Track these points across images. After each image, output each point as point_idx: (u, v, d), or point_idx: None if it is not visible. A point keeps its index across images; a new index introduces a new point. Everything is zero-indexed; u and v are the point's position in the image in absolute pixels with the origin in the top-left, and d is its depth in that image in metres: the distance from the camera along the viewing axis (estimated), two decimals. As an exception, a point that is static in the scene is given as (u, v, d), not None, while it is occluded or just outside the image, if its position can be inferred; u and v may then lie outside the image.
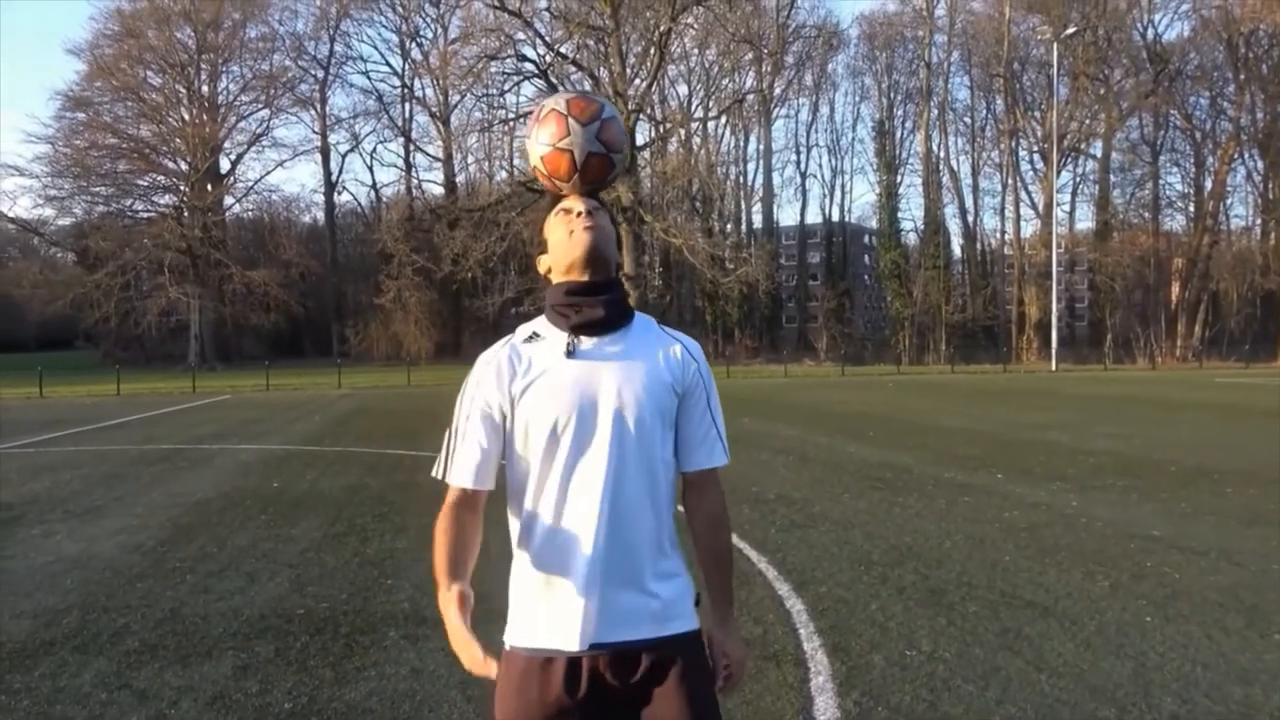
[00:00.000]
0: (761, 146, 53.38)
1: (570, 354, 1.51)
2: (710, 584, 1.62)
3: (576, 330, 1.53)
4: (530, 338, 1.57)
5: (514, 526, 1.56)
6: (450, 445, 1.57)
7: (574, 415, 1.48)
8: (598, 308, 1.53)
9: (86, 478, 9.25)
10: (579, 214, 1.56)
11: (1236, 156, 45.05)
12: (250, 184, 51.38)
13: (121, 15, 46.42)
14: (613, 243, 1.59)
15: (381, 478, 8.91)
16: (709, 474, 1.61)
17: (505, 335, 1.62)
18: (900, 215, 49.12)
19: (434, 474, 1.58)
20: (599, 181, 1.60)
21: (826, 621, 4.25)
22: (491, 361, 1.56)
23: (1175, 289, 46.50)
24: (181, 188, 46.37)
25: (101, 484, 8.82)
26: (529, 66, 37.66)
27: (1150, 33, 47.01)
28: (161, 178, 47.39)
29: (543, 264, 1.64)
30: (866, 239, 62.14)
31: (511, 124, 43.41)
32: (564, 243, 1.56)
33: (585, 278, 1.55)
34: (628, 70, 38.24)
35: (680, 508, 1.62)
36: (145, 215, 47.34)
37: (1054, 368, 35.61)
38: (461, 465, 1.54)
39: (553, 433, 1.48)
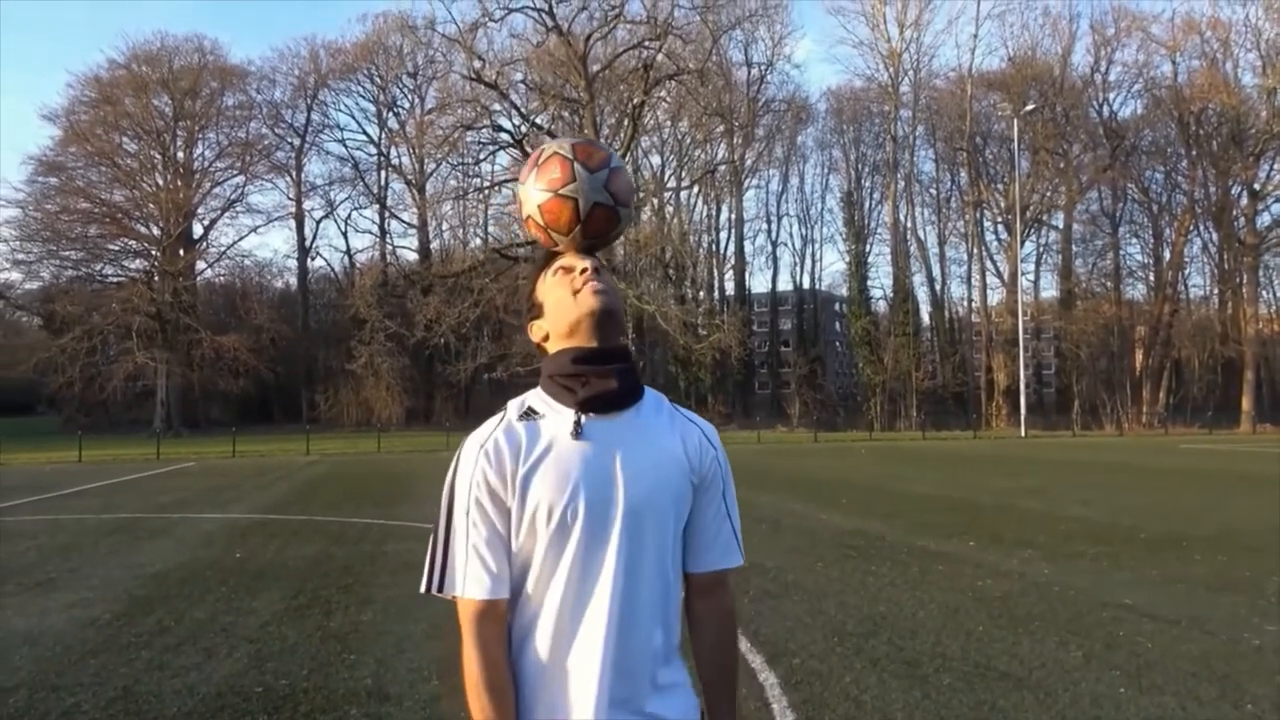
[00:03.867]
0: (733, 215, 54.28)
1: (578, 434, 1.30)
2: (714, 707, 1.40)
3: (584, 406, 1.31)
4: (526, 414, 1.34)
5: (513, 631, 1.35)
6: (445, 550, 1.32)
7: (583, 506, 1.27)
8: (610, 379, 1.32)
9: (41, 548, 8.98)
10: (583, 271, 1.36)
11: (1192, 229, 46.49)
12: (223, 249, 51.25)
13: (99, 82, 46.71)
14: (622, 307, 1.41)
15: (348, 547, 8.73)
16: (721, 576, 1.41)
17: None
18: (870, 283, 49.96)
19: (423, 590, 1.33)
20: (602, 237, 1.39)
21: (800, 695, 4.17)
22: (486, 443, 1.32)
23: (1139, 356, 47.41)
24: (153, 252, 46.18)
25: (57, 555, 8.55)
26: (504, 136, 38.30)
27: (1106, 110, 48.88)
28: (133, 242, 47.17)
29: (537, 331, 1.42)
30: (837, 306, 62.99)
31: (486, 192, 44.02)
32: (567, 303, 1.35)
33: (595, 343, 1.34)
34: (602, 141, 38.95)
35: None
36: (115, 280, 46.94)
37: (1023, 434, 35.94)
38: (474, 572, 1.29)
39: (560, 527, 1.27)
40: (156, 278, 45.32)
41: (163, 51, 47.97)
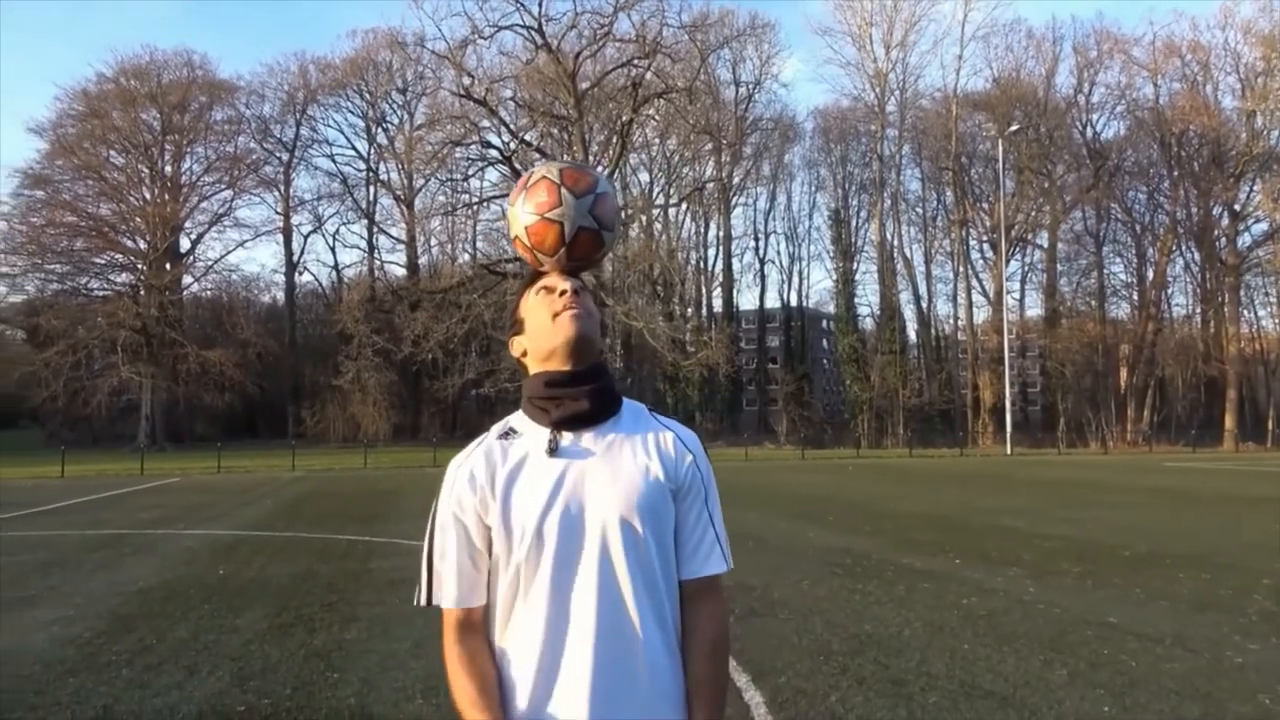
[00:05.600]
0: (721, 233, 54.54)
1: (552, 452, 1.36)
2: (696, 716, 1.38)
3: (558, 426, 1.38)
4: (506, 434, 1.42)
5: (493, 641, 1.39)
6: (429, 564, 1.40)
7: (558, 521, 1.32)
8: (581, 400, 1.38)
9: (22, 565, 8.87)
10: (562, 293, 1.41)
11: (1174, 248, 47.04)
12: (210, 263, 51.12)
13: (87, 96, 46.64)
14: (598, 327, 1.45)
15: (332, 565, 8.67)
16: (708, 583, 1.42)
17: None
18: (857, 301, 50.30)
19: (416, 602, 1.41)
20: (586, 259, 1.45)
21: (786, 715, 4.17)
22: (464, 464, 1.40)
23: (1123, 375, 47.80)
24: (139, 266, 46.00)
25: (38, 571, 8.46)
26: (493, 153, 38.42)
27: (1089, 131, 49.56)
28: (119, 256, 47.00)
29: (516, 346, 1.48)
30: (825, 324, 63.21)
31: (475, 208, 44.07)
32: (545, 327, 1.41)
33: (568, 367, 1.40)
34: (590, 158, 39.13)
35: None
36: (100, 293, 46.72)
37: (1009, 451, 36.11)
38: (448, 584, 1.37)
39: (536, 541, 1.32)
40: (142, 292, 45.13)
41: (151, 65, 48.05)
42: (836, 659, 5.11)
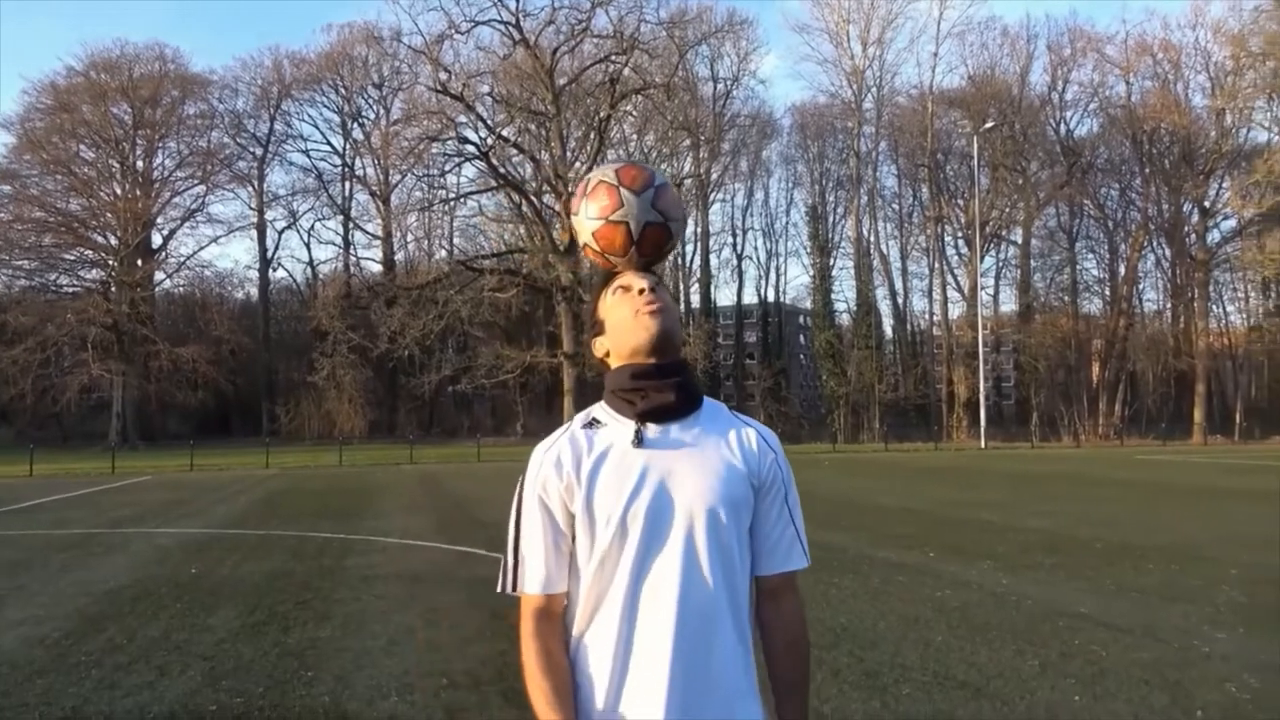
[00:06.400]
0: (699, 229, 54.55)
1: (638, 443, 1.36)
2: (784, 712, 1.41)
3: (644, 417, 1.38)
4: (590, 424, 1.42)
5: (572, 632, 1.39)
6: (514, 551, 1.38)
7: (644, 510, 1.32)
8: (667, 392, 1.39)
9: (-11, 565, 8.74)
10: (641, 291, 1.42)
11: (1146, 245, 47.61)
12: (182, 259, 50.56)
13: (56, 89, 45.91)
14: (679, 322, 1.46)
15: (307, 562, 8.60)
16: (787, 579, 1.44)
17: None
18: (834, 296, 50.47)
19: (499, 589, 1.40)
20: (657, 253, 1.46)
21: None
22: (550, 449, 1.40)
23: (1095, 369, 48.37)
24: (110, 262, 45.36)
25: (5, 572, 8.33)
26: (470, 148, 38.18)
27: (1063, 128, 50.00)
28: (89, 252, 46.34)
29: (599, 347, 1.49)
30: (802, 319, 63.46)
31: (452, 204, 43.86)
32: (627, 324, 1.42)
33: (653, 360, 1.41)
34: (568, 154, 39.04)
35: None
36: (70, 290, 46.04)
37: (983, 445, 36.44)
38: (533, 569, 1.36)
39: (620, 530, 1.32)
40: (113, 288, 44.53)
41: (122, 59, 47.34)
42: (812, 651, 5.11)
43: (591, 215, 1.43)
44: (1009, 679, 4.56)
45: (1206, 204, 44.51)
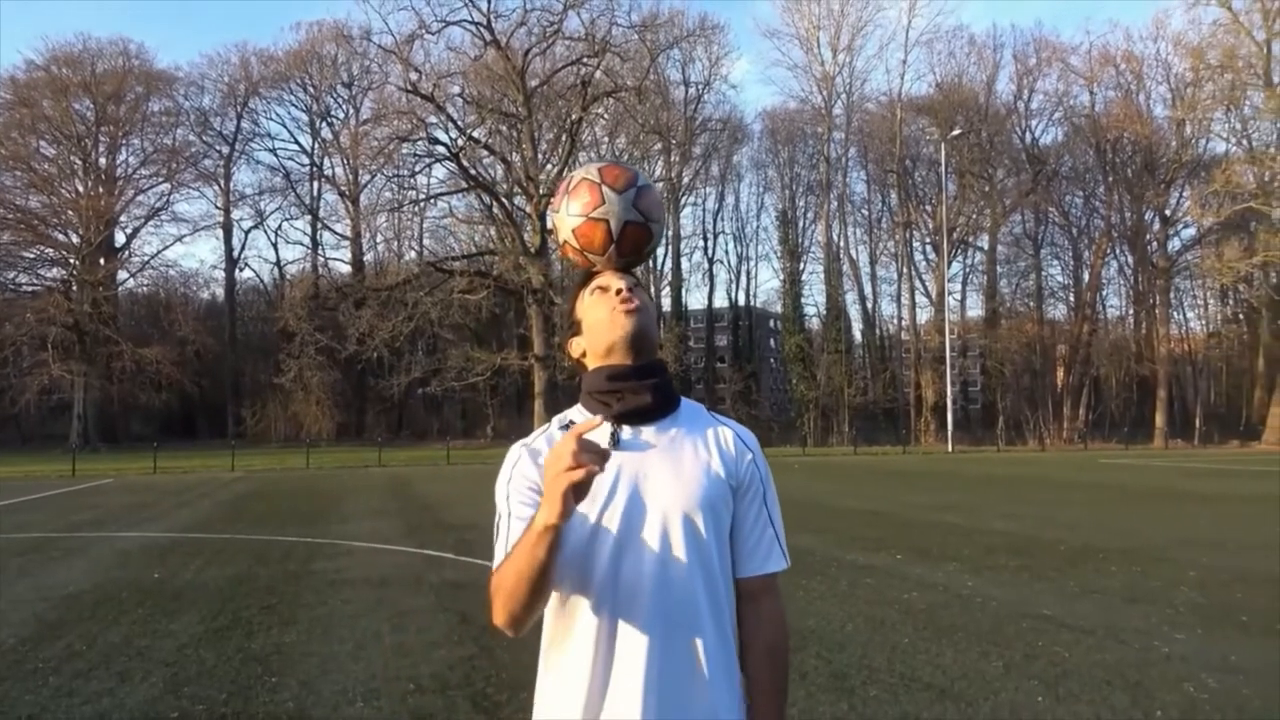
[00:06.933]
0: (670, 232, 54.69)
1: (615, 444, 1.35)
2: (760, 714, 1.39)
3: (620, 419, 1.38)
4: (567, 425, 1.41)
5: (544, 638, 1.37)
6: (501, 533, 1.37)
7: (619, 511, 1.32)
8: (644, 394, 1.39)
9: (-57, 570, 8.54)
10: (618, 291, 1.42)
11: (1109, 251, 48.46)
12: (146, 258, 49.70)
13: (15, 83, 44.96)
14: (655, 322, 1.46)
15: (272, 567, 8.49)
16: (767, 581, 1.42)
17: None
18: (804, 301, 50.86)
19: (495, 568, 1.35)
20: (636, 254, 1.46)
21: (730, 710, 4.19)
22: (529, 445, 1.41)
23: (1060, 374, 49.11)
24: (72, 261, 44.45)
25: (-41, 577, 8.14)
26: (441, 149, 37.92)
27: (1028, 137, 50.79)
28: (50, 250, 45.34)
29: (575, 347, 1.48)
30: (772, 323, 63.81)
31: (421, 205, 43.54)
32: (604, 324, 1.41)
33: (629, 362, 1.40)
34: (539, 156, 38.92)
35: None
36: (30, 289, 45.04)
37: (950, 449, 36.82)
38: (516, 536, 1.34)
39: (595, 532, 1.31)
40: (75, 287, 43.65)
41: (84, 54, 46.46)
42: (780, 655, 5.14)
43: (573, 212, 1.43)
44: (974, 680, 4.61)
45: (1167, 212, 45.40)
